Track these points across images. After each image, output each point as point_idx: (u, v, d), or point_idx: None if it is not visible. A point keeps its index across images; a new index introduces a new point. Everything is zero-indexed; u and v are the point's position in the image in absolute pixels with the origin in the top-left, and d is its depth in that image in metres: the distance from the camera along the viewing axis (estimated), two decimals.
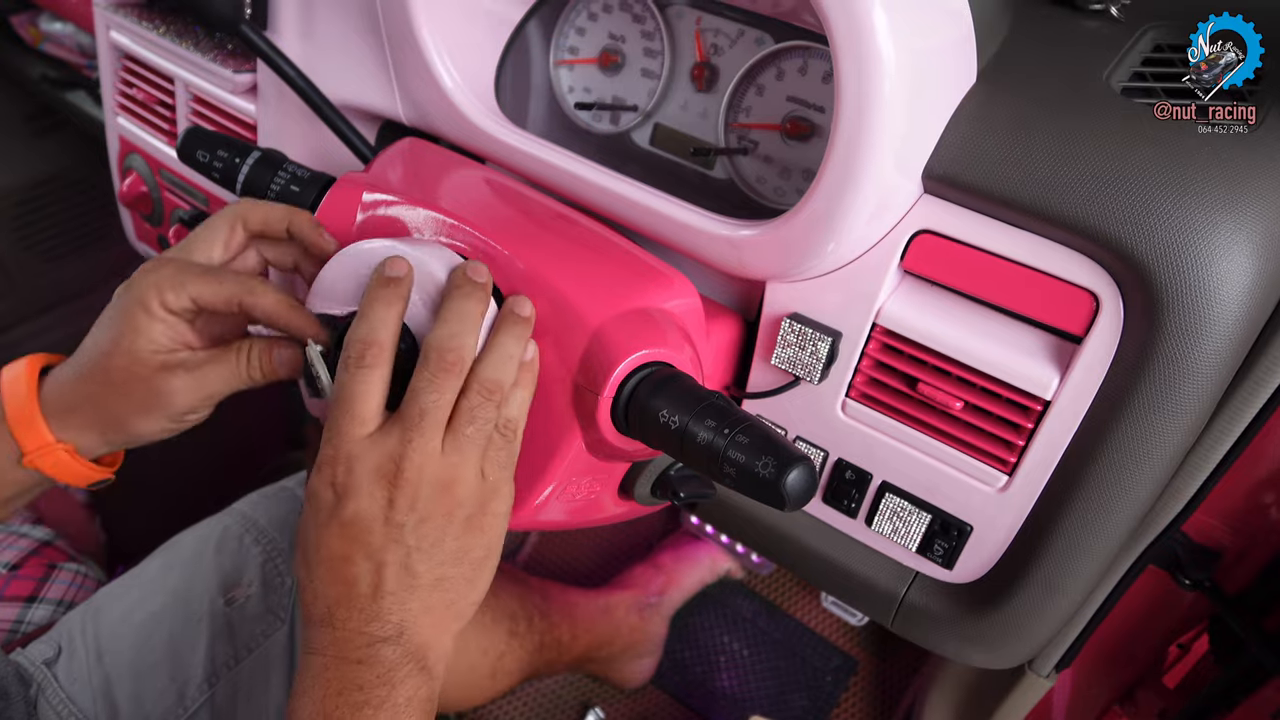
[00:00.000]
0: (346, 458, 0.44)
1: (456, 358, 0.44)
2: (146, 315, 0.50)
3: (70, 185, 1.67)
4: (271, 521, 0.75)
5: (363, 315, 0.45)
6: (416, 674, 0.44)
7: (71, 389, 0.52)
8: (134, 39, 0.83)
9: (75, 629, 0.70)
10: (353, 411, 0.44)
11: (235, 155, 0.57)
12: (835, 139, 0.45)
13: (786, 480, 0.38)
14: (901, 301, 0.51)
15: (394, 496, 0.43)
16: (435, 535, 0.44)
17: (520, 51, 0.69)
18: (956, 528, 0.54)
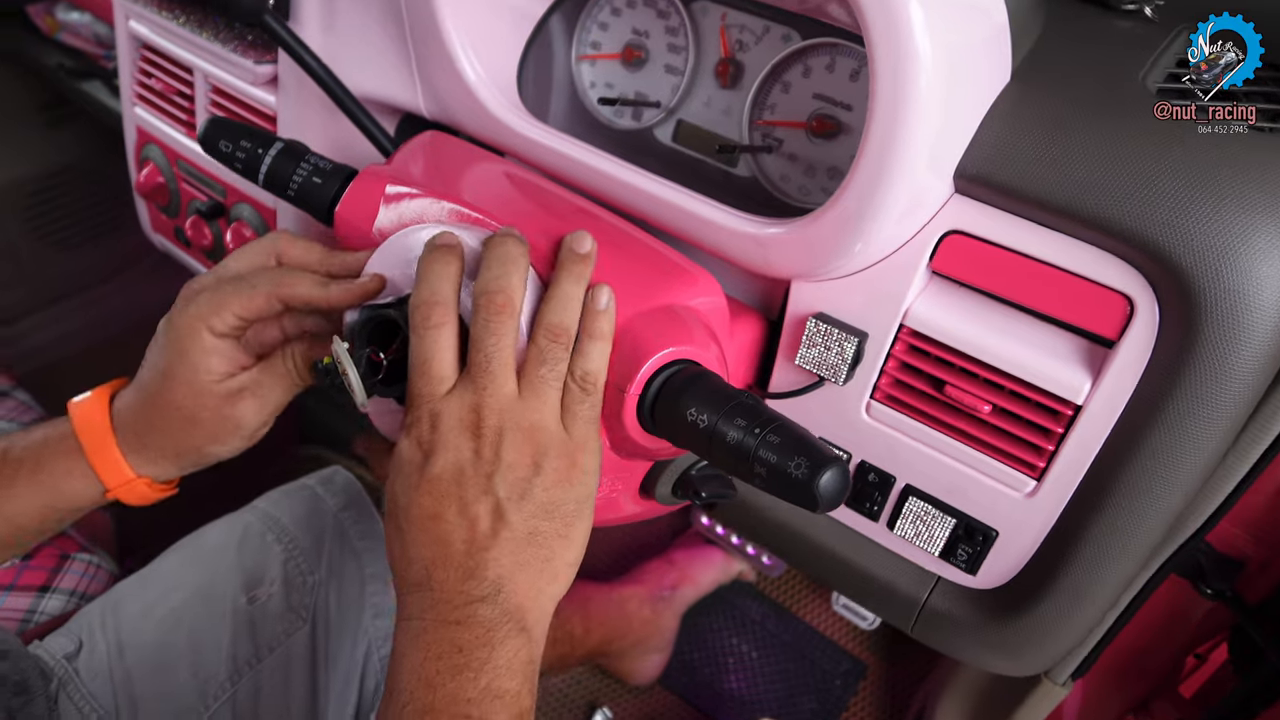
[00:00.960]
0: (430, 415, 0.44)
1: (505, 299, 0.45)
2: (199, 348, 0.51)
3: (84, 175, 1.67)
4: (293, 520, 0.75)
5: (421, 279, 0.46)
6: (516, 634, 0.43)
7: (142, 424, 0.54)
8: (153, 29, 0.82)
9: (95, 623, 0.70)
10: (429, 371, 0.45)
11: (258, 146, 0.57)
12: (868, 136, 0.44)
13: (820, 481, 0.37)
14: (929, 303, 0.51)
15: (479, 446, 0.43)
16: (523, 484, 0.44)
17: (542, 46, 0.68)
18: (981, 533, 0.53)
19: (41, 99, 1.56)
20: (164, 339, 0.53)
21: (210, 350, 0.52)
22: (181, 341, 0.52)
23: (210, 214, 0.83)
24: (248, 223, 0.80)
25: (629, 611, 1.16)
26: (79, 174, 1.67)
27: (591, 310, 0.47)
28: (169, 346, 0.52)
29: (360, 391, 0.46)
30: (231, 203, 0.82)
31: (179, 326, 0.52)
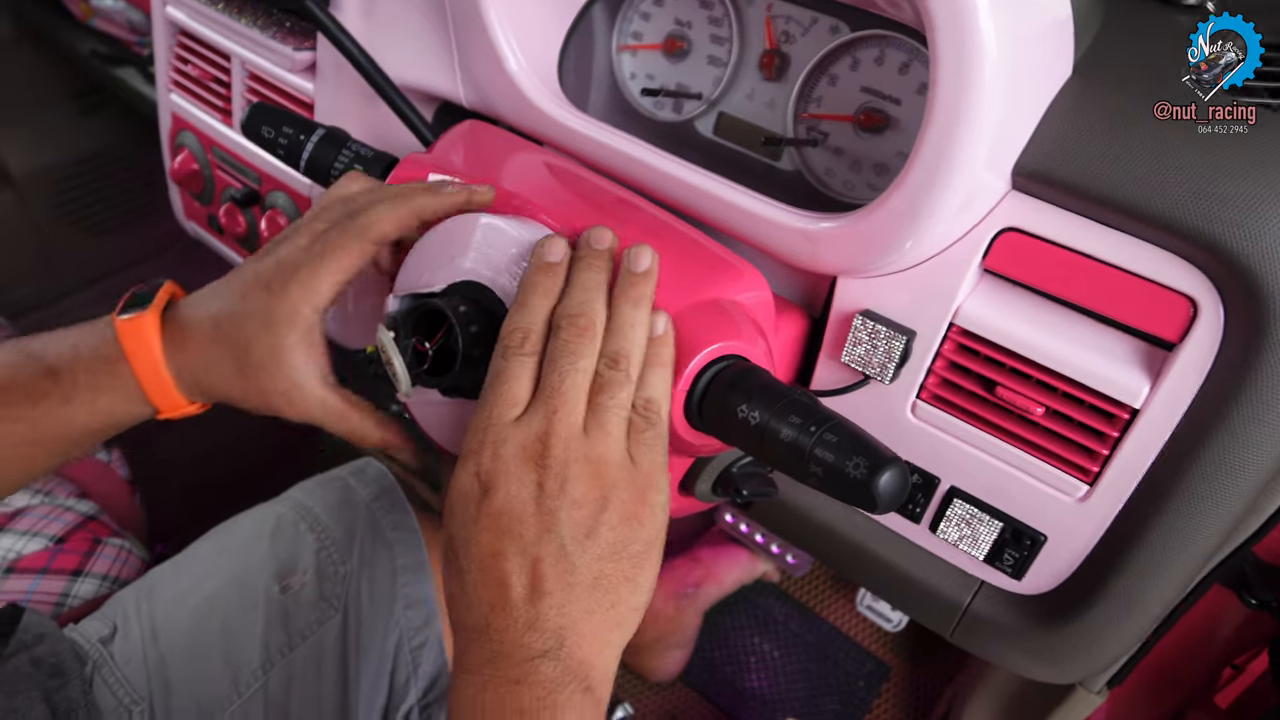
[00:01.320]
0: (493, 442, 0.42)
1: (588, 323, 0.43)
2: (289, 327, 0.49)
3: (114, 162, 1.68)
4: (326, 510, 0.75)
5: (521, 304, 0.44)
6: (580, 696, 0.39)
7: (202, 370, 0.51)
8: (191, 14, 0.82)
9: (130, 608, 0.70)
10: (509, 395, 0.42)
11: (300, 132, 0.56)
12: (927, 130, 0.43)
13: (880, 481, 0.37)
14: (982, 301, 0.50)
15: (543, 479, 0.41)
16: (589, 523, 0.41)
17: (583, 35, 0.67)
18: (1029, 537, 0.52)
19: (73, 85, 1.56)
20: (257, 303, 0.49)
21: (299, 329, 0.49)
22: (274, 320, 0.49)
23: (245, 202, 0.83)
24: (283, 211, 0.80)
25: (652, 608, 1.16)
26: (109, 160, 1.68)
27: (652, 336, 0.44)
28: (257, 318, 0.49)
29: (405, 380, 0.46)
30: (266, 190, 0.82)
31: (275, 302, 0.49)
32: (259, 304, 0.49)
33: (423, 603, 0.73)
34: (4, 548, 0.80)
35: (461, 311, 0.47)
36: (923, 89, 0.56)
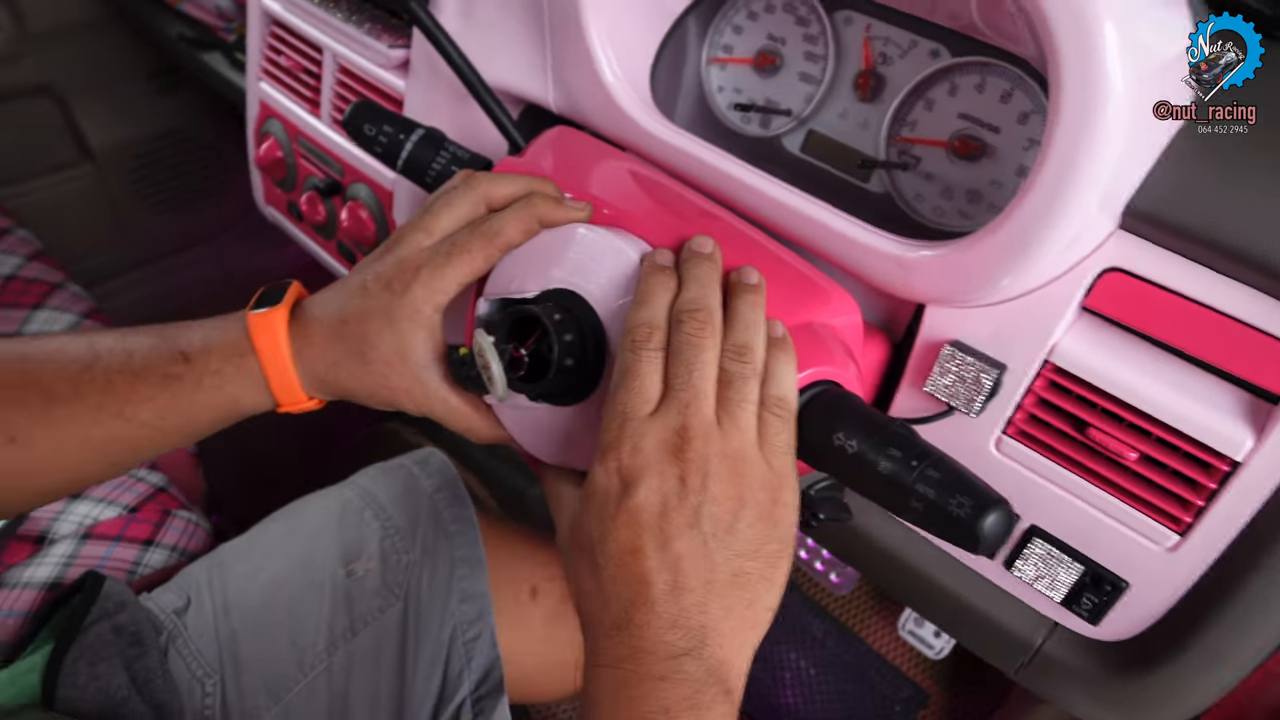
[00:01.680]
0: (632, 437, 0.42)
1: (707, 315, 0.44)
2: (413, 324, 0.50)
3: (186, 141, 1.73)
4: (390, 498, 0.76)
5: (644, 300, 0.45)
6: (722, 699, 0.39)
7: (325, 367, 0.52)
8: (286, 6, 0.84)
9: (201, 582, 0.72)
10: (640, 389, 0.42)
11: (400, 132, 0.57)
12: (1043, 166, 0.42)
13: (985, 523, 0.36)
14: (1080, 340, 0.49)
15: (684, 473, 0.40)
16: (729, 519, 0.41)
17: (676, 46, 0.67)
18: (1111, 583, 0.51)
19: (153, 65, 1.61)
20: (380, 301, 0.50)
21: (423, 326, 0.50)
22: (398, 318, 0.50)
23: (327, 191, 0.84)
24: (364, 203, 0.81)
25: None
26: (182, 139, 1.72)
27: (771, 338, 0.45)
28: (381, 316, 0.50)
29: (502, 384, 0.46)
30: (348, 182, 0.83)
31: (398, 301, 0.50)
32: (381, 301, 0.50)
33: (478, 597, 0.73)
34: (81, 514, 0.82)
35: (557, 319, 0.47)
36: (1024, 118, 0.55)
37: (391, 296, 0.50)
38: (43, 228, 1.31)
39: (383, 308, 0.50)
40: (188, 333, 0.52)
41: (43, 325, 1.10)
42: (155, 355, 0.51)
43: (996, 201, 0.56)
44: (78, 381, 0.50)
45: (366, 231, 0.81)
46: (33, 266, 1.18)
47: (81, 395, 0.49)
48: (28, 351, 0.51)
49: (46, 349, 0.51)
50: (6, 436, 0.48)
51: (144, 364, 0.50)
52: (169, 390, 0.50)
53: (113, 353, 0.51)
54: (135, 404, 0.50)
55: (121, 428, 0.50)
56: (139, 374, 0.50)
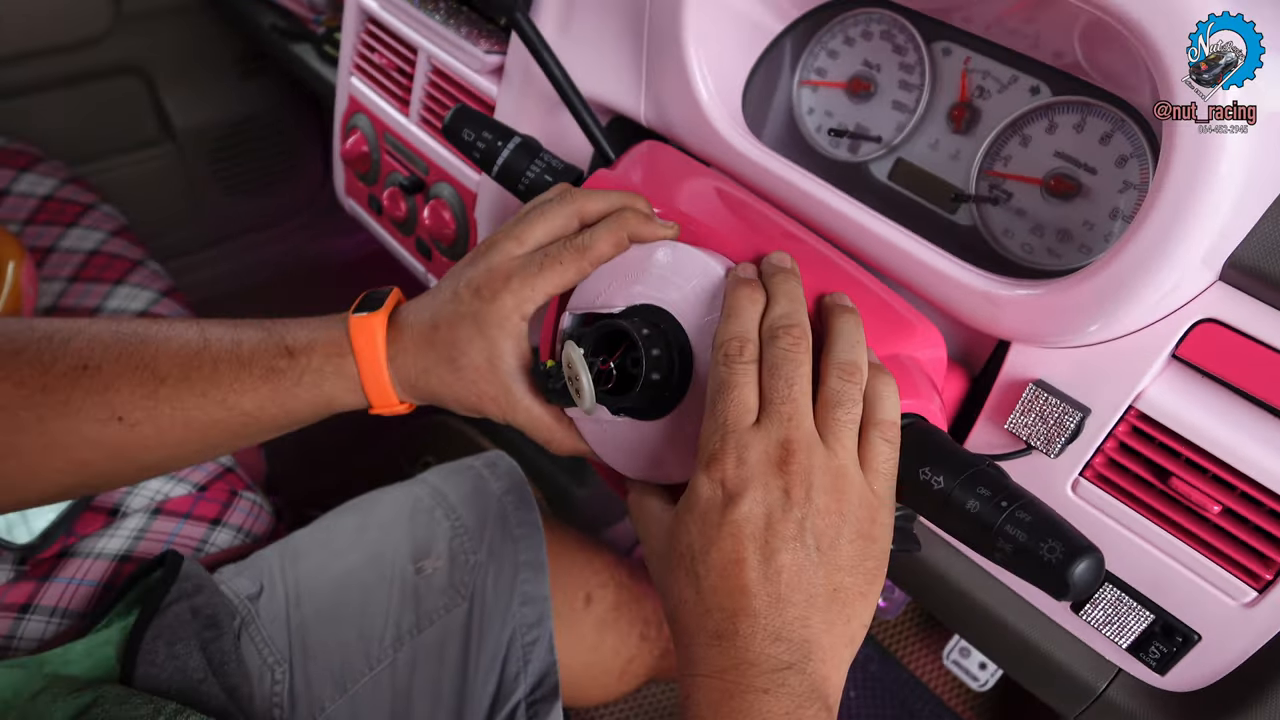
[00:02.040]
0: (737, 448, 0.42)
1: (801, 331, 0.44)
2: (502, 332, 0.51)
3: (264, 127, 1.77)
4: (460, 499, 0.77)
5: (733, 313, 0.45)
6: (824, 715, 0.40)
7: (417, 372, 0.53)
8: (383, 4, 0.86)
9: (275, 569, 0.74)
10: (741, 401, 0.43)
11: (498, 138, 0.59)
12: (1149, 215, 0.42)
13: (1075, 570, 0.36)
14: (1168, 389, 0.48)
15: (789, 485, 0.41)
16: (832, 534, 0.41)
17: (769, 66, 0.68)
18: (1182, 634, 0.51)
19: (239, 51, 1.65)
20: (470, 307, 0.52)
21: (511, 335, 0.51)
22: (487, 325, 0.51)
23: (410, 188, 0.86)
24: (447, 202, 0.82)
25: None
26: (260, 125, 1.76)
27: (871, 363, 0.45)
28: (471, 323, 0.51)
29: (590, 397, 0.47)
30: (432, 181, 0.85)
31: (487, 308, 0.51)
32: (472, 308, 0.51)
33: (539, 601, 0.74)
34: (153, 489, 0.85)
35: (645, 334, 0.48)
36: (1122, 161, 0.54)
37: (481, 303, 0.51)
38: (124, 204, 1.35)
39: (473, 314, 0.51)
40: (293, 329, 0.54)
41: (122, 301, 1.13)
42: (262, 348, 0.52)
43: (1088, 243, 0.56)
44: (188, 366, 0.51)
45: (447, 230, 0.83)
46: (115, 243, 1.22)
47: (189, 379, 0.51)
48: (145, 334, 0.52)
49: (164, 333, 0.53)
50: (115, 414, 0.50)
51: (251, 355, 0.52)
52: (271, 383, 0.52)
53: (222, 341, 0.52)
54: (239, 393, 0.52)
55: (223, 414, 0.52)
56: (245, 364, 0.52)
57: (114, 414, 0.50)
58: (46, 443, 0.50)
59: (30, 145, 1.31)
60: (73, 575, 0.79)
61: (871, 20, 0.65)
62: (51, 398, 0.50)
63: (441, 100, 0.82)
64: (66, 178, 1.27)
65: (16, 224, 1.19)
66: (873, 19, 0.64)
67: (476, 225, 0.81)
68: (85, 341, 0.51)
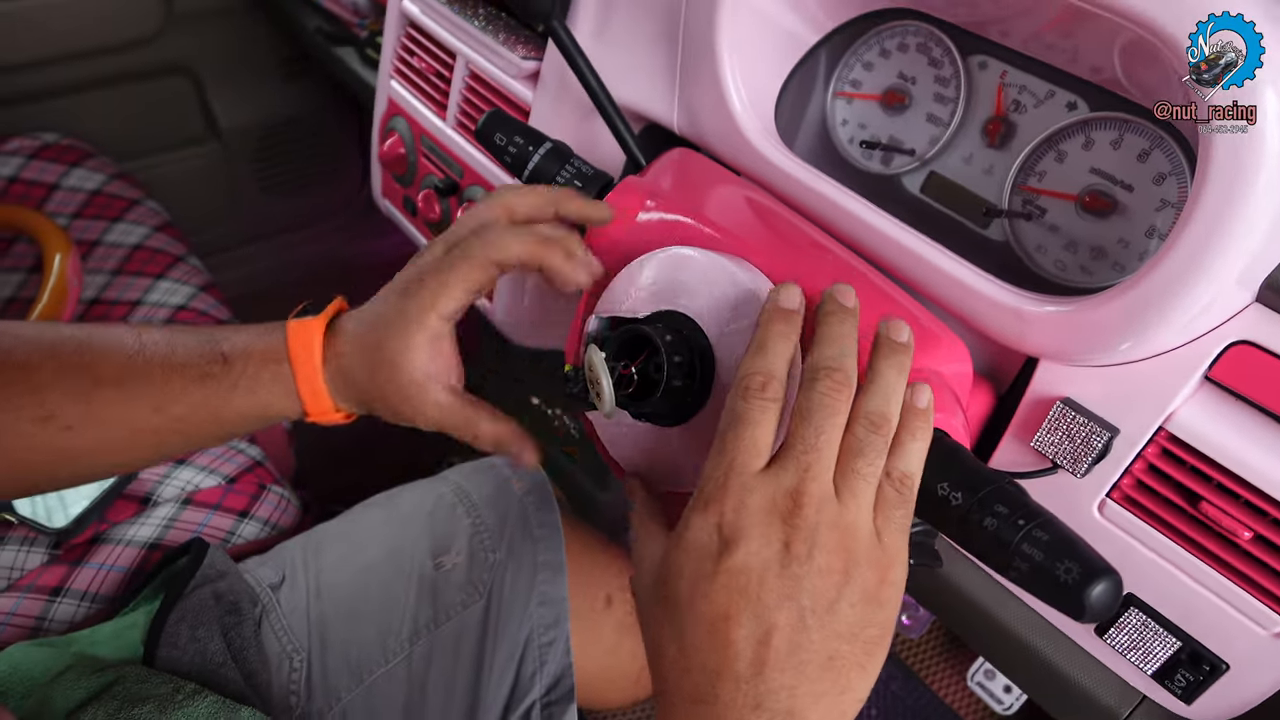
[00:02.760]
0: (739, 491, 0.39)
1: (845, 377, 0.41)
2: (419, 328, 0.51)
3: (305, 129, 1.80)
4: (482, 497, 0.78)
5: (761, 348, 0.43)
6: None
7: (349, 378, 0.53)
8: (424, 9, 0.87)
9: (297, 560, 0.75)
10: (752, 441, 0.40)
11: (529, 143, 0.59)
12: (1183, 234, 0.41)
13: (1092, 591, 0.36)
14: (1200, 411, 0.47)
15: (790, 539, 0.38)
16: (832, 596, 0.38)
17: (802, 76, 0.68)
18: (1209, 663, 0.50)
19: (284, 53, 1.68)
20: (392, 304, 0.52)
21: (428, 332, 0.51)
22: (404, 321, 0.51)
23: (445, 191, 0.87)
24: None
25: None
26: (301, 128, 1.79)
27: (912, 407, 0.42)
28: (392, 319, 0.52)
29: (610, 401, 0.47)
30: (466, 184, 0.85)
31: (408, 302, 0.51)
32: (393, 306, 0.52)
33: (556, 602, 0.75)
34: (184, 479, 0.87)
35: (668, 340, 0.48)
36: (1160, 179, 0.54)
37: (404, 300, 0.52)
38: (167, 200, 1.39)
39: (396, 313, 0.52)
40: (231, 336, 0.54)
41: (163, 296, 1.16)
42: (197, 353, 0.52)
43: (1122, 260, 0.55)
44: (123, 369, 0.51)
45: None
46: (159, 237, 1.25)
47: (123, 383, 0.51)
48: (82, 337, 0.53)
49: (101, 337, 0.53)
50: (48, 413, 0.50)
51: (185, 360, 0.52)
52: (205, 388, 0.52)
53: (158, 346, 0.52)
54: (170, 397, 0.51)
55: (155, 419, 0.52)
56: (178, 369, 0.52)
57: (47, 413, 0.50)
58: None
59: (81, 141, 1.35)
60: (103, 561, 0.80)
61: (908, 33, 0.64)
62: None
63: (478, 105, 0.83)
64: (114, 173, 1.31)
65: (65, 217, 1.22)
66: (909, 31, 0.64)
67: None
68: (22, 342, 0.51)
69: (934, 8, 0.62)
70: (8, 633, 0.74)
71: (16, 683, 0.61)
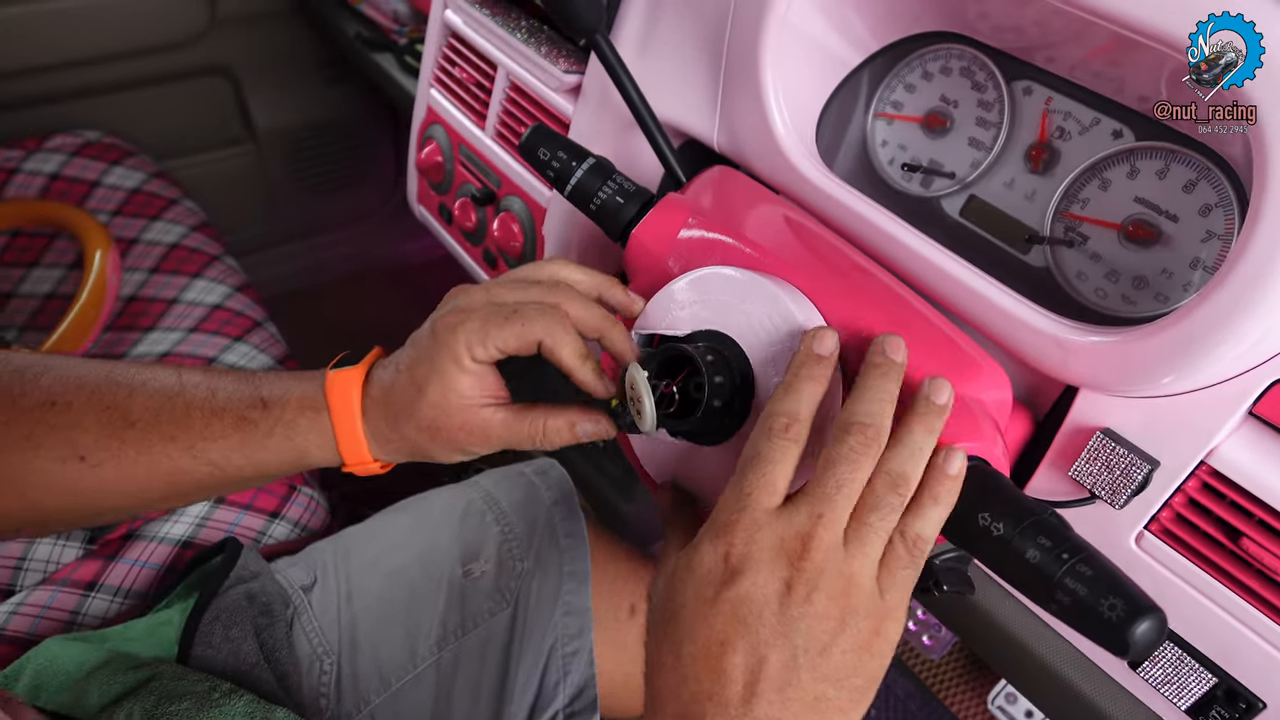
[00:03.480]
0: (750, 526, 0.41)
1: (877, 433, 0.42)
2: (457, 368, 0.50)
3: (341, 132, 1.82)
4: (511, 505, 0.78)
5: (791, 389, 0.44)
6: None
7: (387, 418, 0.53)
8: (467, 20, 0.88)
9: (328, 563, 0.76)
10: (770, 479, 0.41)
11: (572, 159, 0.60)
12: (1235, 269, 0.41)
13: (1137, 629, 0.35)
14: (1242, 446, 0.47)
15: (793, 579, 0.40)
16: (825, 640, 0.39)
17: (844, 97, 0.68)
18: (1246, 700, 0.49)
19: (323, 58, 1.70)
20: (425, 346, 0.52)
21: (467, 371, 0.51)
22: (441, 361, 0.50)
23: (481, 200, 0.88)
24: (516, 216, 0.84)
25: None
26: (338, 130, 1.81)
27: (941, 472, 0.42)
28: (427, 361, 0.51)
29: (651, 419, 0.47)
30: (503, 194, 0.86)
31: (441, 346, 0.51)
32: (428, 347, 0.51)
33: (581, 612, 0.75)
34: None
35: (709, 360, 0.48)
36: (1206, 211, 0.53)
37: (435, 342, 0.51)
38: (205, 199, 1.41)
39: (428, 352, 0.51)
40: (270, 381, 0.54)
41: (199, 294, 1.18)
42: (237, 396, 0.52)
43: (1165, 291, 0.55)
44: (159, 410, 0.51)
45: (515, 243, 0.84)
46: (196, 237, 1.27)
47: (159, 423, 0.51)
48: (118, 375, 0.52)
49: (139, 375, 0.53)
50: (78, 452, 0.50)
51: (225, 403, 0.52)
52: (241, 432, 0.51)
53: (198, 388, 0.52)
54: (208, 440, 0.51)
55: (188, 462, 0.51)
56: (218, 412, 0.52)
57: (76, 452, 0.50)
58: (1, 478, 0.50)
59: (121, 140, 1.37)
60: (137, 557, 0.82)
61: (951, 56, 0.64)
62: (14, 431, 0.50)
63: (518, 116, 0.83)
64: (153, 172, 1.33)
65: (106, 214, 1.24)
66: (953, 55, 0.64)
67: (544, 240, 0.82)
68: (55, 378, 0.51)
69: (979, 33, 0.62)
70: (43, 626, 0.75)
71: (51, 676, 0.62)
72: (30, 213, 1.20)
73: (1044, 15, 0.54)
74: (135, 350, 1.10)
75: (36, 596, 0.78)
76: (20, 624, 0.75)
